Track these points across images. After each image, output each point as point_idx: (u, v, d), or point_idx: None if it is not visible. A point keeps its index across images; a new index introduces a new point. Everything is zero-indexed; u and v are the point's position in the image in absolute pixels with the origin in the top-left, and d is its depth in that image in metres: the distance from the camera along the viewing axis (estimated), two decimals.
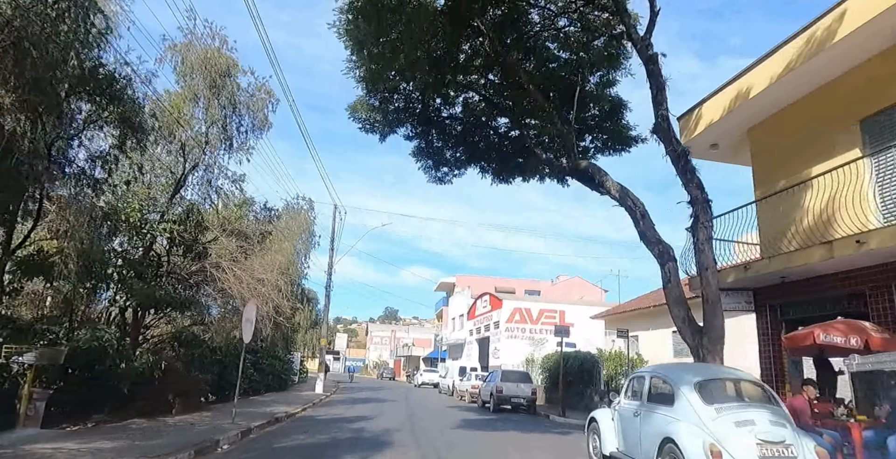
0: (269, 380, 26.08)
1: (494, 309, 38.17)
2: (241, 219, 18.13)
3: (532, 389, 19.82)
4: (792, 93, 10.30)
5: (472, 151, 16.00)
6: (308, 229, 31.88)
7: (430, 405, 23.62)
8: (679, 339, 25.57)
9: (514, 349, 35.02)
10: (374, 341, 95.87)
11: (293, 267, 28.80)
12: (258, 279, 17.24)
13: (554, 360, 22.99)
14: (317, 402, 22.02)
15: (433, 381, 42.33)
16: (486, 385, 21.78)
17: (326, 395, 26.50)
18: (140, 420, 12.26)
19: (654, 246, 9.84)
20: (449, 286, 61.58)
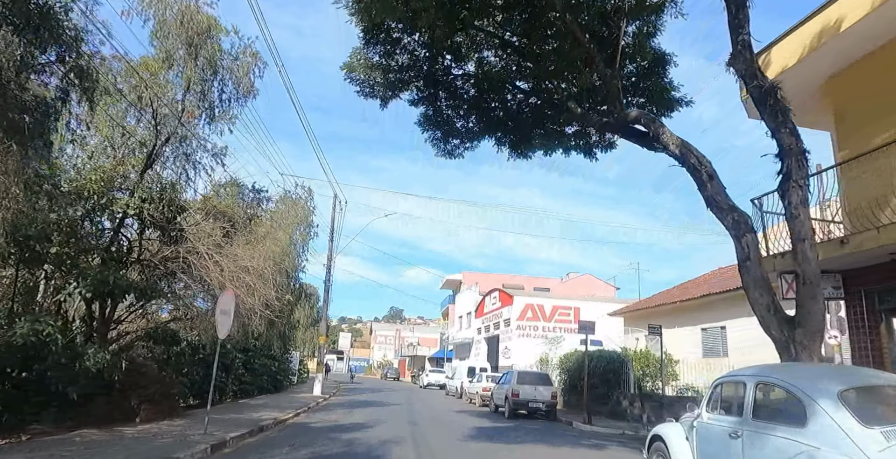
0: (262, 382, 24.05)
1: (504, 306, 36.05)
2: (226, 198, 16.08)
3: (552, 392, 17.71)
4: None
5: (487, 120, 13.86)
6: (307, 220, 29.85)
7: (436, 409, 21.54)
8: (709, 337, 23.43)
9: (525, 348, 32.89)
10: (379, 340, 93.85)
11: (289, 259, 26.76)
12: (242, 267, 15.17)
13: (574, 360, 20.87)
14: (312, 406, 19.97)
15: (439, 382, 40.24)
16: (499, 387, 19.68)
17: (325, 398, 24.44)
18: (91, 430, 10.23)
19: (727, 213, 7.70)
20: (455, 283, 59.48)
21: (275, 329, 27.10)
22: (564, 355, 21.96)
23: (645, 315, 27.34)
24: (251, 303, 15.47)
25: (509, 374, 18.85)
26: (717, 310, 22.22)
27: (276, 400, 20.93)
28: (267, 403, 19.35)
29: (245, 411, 16.12)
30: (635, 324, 27.29)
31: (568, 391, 20.84)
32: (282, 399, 21.47)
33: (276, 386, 26.38)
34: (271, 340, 26.68)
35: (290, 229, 27.44)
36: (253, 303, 15.50)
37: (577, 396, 20.04)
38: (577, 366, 20.10)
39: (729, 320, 21.75)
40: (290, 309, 29.69)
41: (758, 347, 20.67)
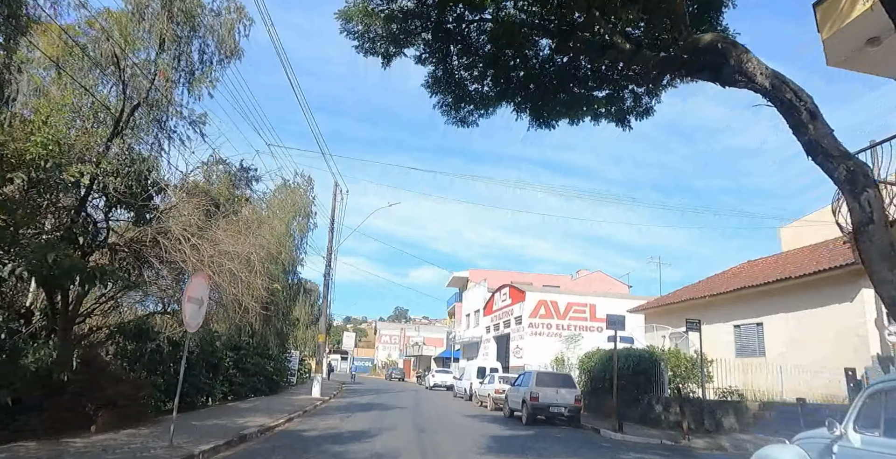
0: (255, 383, 22.23)
1: (516, 303, 34.12)
2: (209, 175, 14.25)
3: (575, 396, 15.80)
4: None
5: (505, 81, 11.87)
6: (305, 209, 28.04)
7: (445, 413, 19.65)
8: (743, 335, 21.39)
9: (538, 347, 30.97)
10: (383, 340, 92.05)
11: (286, 251, 24.94)
12: (224, 251, 13.32)
13: (596, 359, 18.94)
14: (309, 410, 18.12)
15: (446, 383, 38.35)
16: (514, 389, 17.77)
17: (323, 400, 22.59)
18: (27, 444, 8.39)
19: (839, 162, 5.77)
20: (462, 281, 57.56)
21: (271, 325, 25.30)
22: (585, 354, 20.03)
23: (669, 311, 25.36)
24: (235, 293, 13.59)
25: (527, 375, 16.94)
26: (753, 305, 20.27)
27: (270, 403, 19.09)
28: (257, 406, 17.51)
29: (230, 416, 14.28)
30: (658, 321, 25.33)
31: (589, 394, 18.91)
32: (276, 402, 19.63)
33: (273, 388, 24.57)
34: (267, 338, 24.85)
35: (288, 219, 25.62)
36: (238, 293, 13.62)
37: (600, 399, 18.12)
38: (601, 366, 18.18)
39: (767, 316, 19.80)
40: (286, 305, 27.89)
41: (802, 345, 18.76)
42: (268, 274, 22.32)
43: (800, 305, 18.24)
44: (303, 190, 28.46)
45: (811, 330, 17.70)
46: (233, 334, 21.79)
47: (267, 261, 22.34)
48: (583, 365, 19.92)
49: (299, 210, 27.25)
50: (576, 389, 15.99)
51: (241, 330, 22.85)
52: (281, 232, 24.34)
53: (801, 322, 18.24)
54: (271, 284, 23.01)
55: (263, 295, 15.70)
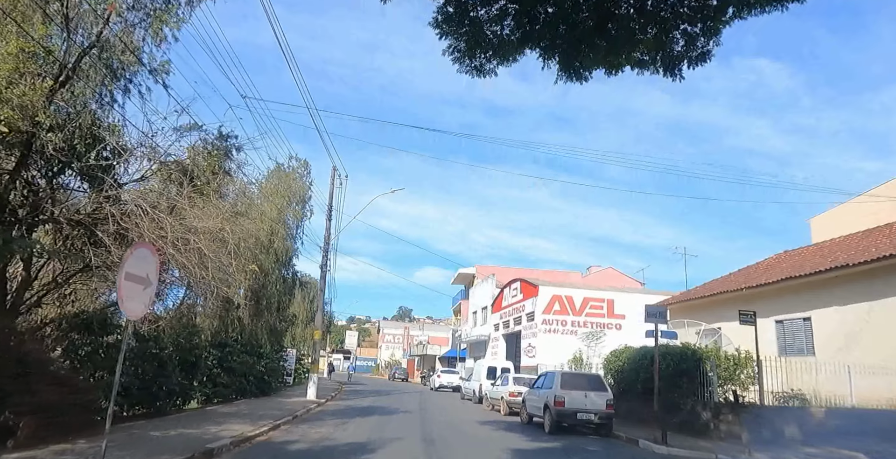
0: (243, 384, 20.09)
1: (527, 298, 31.89)
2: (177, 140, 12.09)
3: (607, 400, 13.59)
4: None
5: (530, 22, 9.67)
6: (301, 196, 25.92)
7: (454, 419, 17.47)
8: (788, 332, 19.04)
9: (553, 345, 28.75)
10: (386, 339, 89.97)
11: (279, 240, 22.82)
12: (194, 229, 11.18)
13: (626, 358, 16.73)
14: (301, 414, 15.99)
15: (452, 384, 36.19)
16: (533, 392, 15.59)
17: (319, 403, 20.46)
18: None
19: None
20: (468, 278, 55.37)
21: (262, 321, 23.24)
22: (612, 353, 17.80)
23: (698, 306, 23.11)
24: (205, 276, 11.43)
25: (550, 376, 14.73)
26: (800, 298, 18.03)
27: (257, 407, 16.96)
28: (241, 411, 15.37)
29: (204, 423, 12.13)
30: (685, 318, 23.10)
31: (616, 398, 16.64)
32: (264, 406, 17.49)
33: (264, 389, 22.44)
34: (258, 334, 22.75)
35: (281, 204, 23.51)
36: (209, 277, 11.46)
37: (630, 404, 15.91)
38: (632, 366, 15.97)
39: (816, 309, 17.55)
40: (281, 299, 25.82)
41: (859, 342, 16.51)
42: (256, 263, 20.22)
43: (856, 297, 16.03)
44: (298, 175, 26.36)
45: (871, 325, 15.50)
46: (218, 329, 19.70)
47: (256, 249, 20.24)
48: (608, 365, 17.70)
49: (294, 195, 25.15)
50: (607, 392, 13.78)
51: (227, 325, 20.75)
52: (272, 217, 22.24)
53: (858, 316, 16.03)
54: (261, 273, 20.95)
55: (244, 281, 13.45)
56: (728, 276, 24.03)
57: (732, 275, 23.72)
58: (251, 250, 20.16)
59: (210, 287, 11.62)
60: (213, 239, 11.83)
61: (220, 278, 13.01)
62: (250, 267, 11.37)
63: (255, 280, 22.04)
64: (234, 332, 21.75)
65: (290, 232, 24.69)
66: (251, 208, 20.84)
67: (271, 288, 23.60)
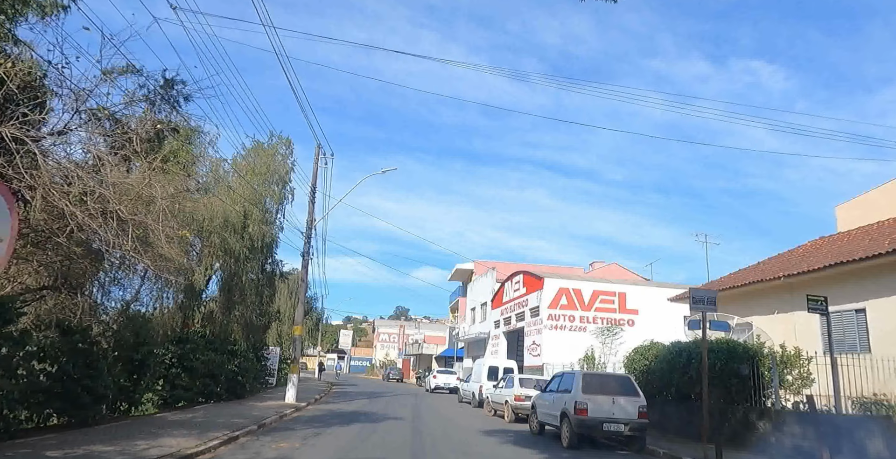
0: (209, 385, 17.49)
1: (531, 292, 29.33)
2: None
3: (639, 407, 11.02)
4: None
5: None
6: (283, 177, 23.29)
7: (452, 428, 14.91)
8: (838, 325, 16.37)
9: (559, 342, 26.24)
10: (381, 338, 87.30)
11: (254, 223, 20.20)
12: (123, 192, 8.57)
13: (654, 356, 14.18)
14: (269, 422, 13.42)
15: (449, 385, 33.63)
16: (546, 397, 13.03)
17: (297, 407, 17.89)
18: None
19: None
20: (465, 274, 52.83)
21: (234, 315, 20.62)
22: (635, 350, 15.24)
23: (725, 299, 20.48)
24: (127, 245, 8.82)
25: (567, 378, 12.13)
26: (850, 287, 15.51)
27: (219, 413, 14.39)
28: (194, 419, 12.78)
29: (134, 437, 9.54)
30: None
31: None
32: (228, 411, 14.89)
33: (237, 391, 19.85)
34: (229, 329, 20.13)
35: (258, 182, 20.91)
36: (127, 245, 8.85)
37: (661, 411, 13.38)
38: (662, 366, 13.41)
39: (873, 300, 15.05)
40: (260, 292, 23.20)
41: None
42: (222, 247, 17.70)
43: None
44: (280, 154, 23.74)
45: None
46: (175, 322, 17.11)
47: (224, 230, 17.71)
48: (631, 365, 15.14)
49: (273, 175, 22.52)
50: (639, 397, 11.20)
51: (190, 318, 18.16)
52: (247, 197, 19.64)
53: None
54: (230, 259, 18.38)
55: (208, 264, 10.91)
56: (758, 266, 21.53)
57: (763, 264, 21.22)
58: (218, 232, 17.64)
59: (134, 255, 8.96)
60: (144, 205, 9.21)
61: (161, 255, 10.40)
62: (181, 233, 8.75)
63: (224, 266, 19.49)
64: (200, 326, 19.17)
65: (268, 217, 22.07)
66: (218, 184, 18.29)
67: (245, 277, 21.02)
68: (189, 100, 11.23)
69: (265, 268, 24.08)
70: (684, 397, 12.91)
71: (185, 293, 16.64)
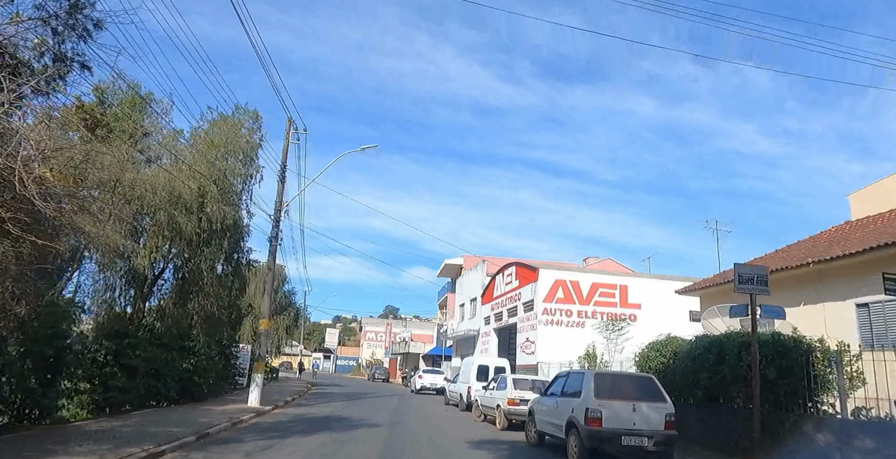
0: (156, 386, 15.14)
1: (525, 285, 27.14)
2: None
3: (666, 415, 8.82)
4: None
5: None
6: (249, 154, 20.88)
7: (436, 437, 12.68)
8: (876, 317, 13.96)
9: (556, 339, 24.12)
10: (368, 337, 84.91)
11: (213, 203, 17.80)
12: None
13: (673, 352, 12.01)
14: (213, 432, 11.13)
15: (436, 385, 31.39)
16: (546, 402, 10.82)
17: (259, 412, 15.58)
18: None
19: None
20: (454, 269, 50.56)
21: (190, 306, 18.23)
22: (650, 346, 13.06)
23: None
24: None
25: (576, 379, 9.87)
26: None
27: (158, 420, 12.07)
28: (119, 429, 10.42)
29: (15, 455, 7.21)
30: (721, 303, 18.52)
31: None
32: (169, 419, 12.54)
33: (195, 393, 17.52)
34: (182, 322, 17.72)
35: (216, 157, 18.53)
36: None
37: (685, 418, 11.17)
38: (687, 365, 11.24)
39: None
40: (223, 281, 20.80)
41: None
42: (170, 225, 15.34)
43: None
44: (247, 129, 21.32)
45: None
46: (111, 313, 14.73)
47: (171, 206, 15.35)
48: (644, 363, 12.97)
49: (237, 150, 20.09)
50: (666, 403, 9.00)
51: (137, 309, 15.78)
52: (204, 172, 17.27)
53: None
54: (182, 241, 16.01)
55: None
56: (776, 254, 19.45)
57: (783, 252, 19.16)
58: (164, 208, 15.27)
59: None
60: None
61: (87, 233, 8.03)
62: (41, 173, 6.41)
63: (178, 251, 17.12)
64: (150, 319, 16.81)
65: (231, 198, 19.65)
66: (171, 158, 15.93)
67: (205, 264, 18.63)
68: (101, 27, 8.81)
69: (232, 257, 21.68)
70: (712, 401, 10.75)
71: (125, 279, 14.27)
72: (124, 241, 14.39)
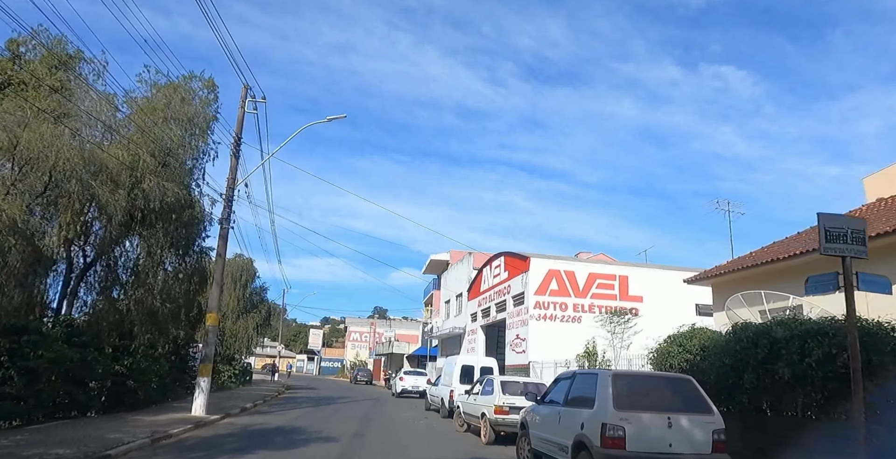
0: (70, 394, 12.47)
1: (514, 277, 24.65)
2: None
3: (714, 432, 6.33)
4: None
5: None
6: (201, 126, 18.16)
7: (403, 452, 10.13)
8: None
9: (549, 336, 21.64)
10: (353, 338, 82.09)
11: (151, 178, 15.11)
12: None
13: (700, 346, 9.52)
14: (113, 455, 8.50)
15: (419, 388, 28.80)
16: (545, 411, 8.28)
17: (198, 423, 12.92)
18: None
19: None
20: (441, 265, 47.93)
21: (126, 301, 15.55)
22: (669, 340, 10.57)
23: (761, 276, 16.11)
24: None
25: (586, 382, 7.30)
26: None
27: (50, 438, 9.44)
28: None
29: None
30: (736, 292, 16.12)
31: None
32: (71, 435, 9.90)
33: (125, 400, 14.85)
34: (111, 318, 15.01)
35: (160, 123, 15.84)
36: None
37: None
38: (728, 363, 8.74)
39: None
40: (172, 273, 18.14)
41: None
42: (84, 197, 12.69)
43: None
44: (200, 99, 18.62)
45: None
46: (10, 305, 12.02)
47: (88, 175, 12.69)
48: (663, 360, 10.50)
49: (187, 121, 17.40)
50: (712, 414, 6.49)
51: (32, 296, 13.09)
52: (136, 139, 14.59)
53: None
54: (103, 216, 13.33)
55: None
56: (799, 236, 17.06)
57: (807, 235, 16.76)
58: (79, 177, 12.59)
59: None
60: None
61: None
62: None
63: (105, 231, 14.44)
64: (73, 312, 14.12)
65: (177, 175, 16.95)
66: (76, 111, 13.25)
67: (143, 250, 15.95)
68: None
69: (184, 245, 18.98)
70: (757, 409, 8.30)
71: (26, 262, 11.58)
72: (25, 216, 11.75)
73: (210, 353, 15.90)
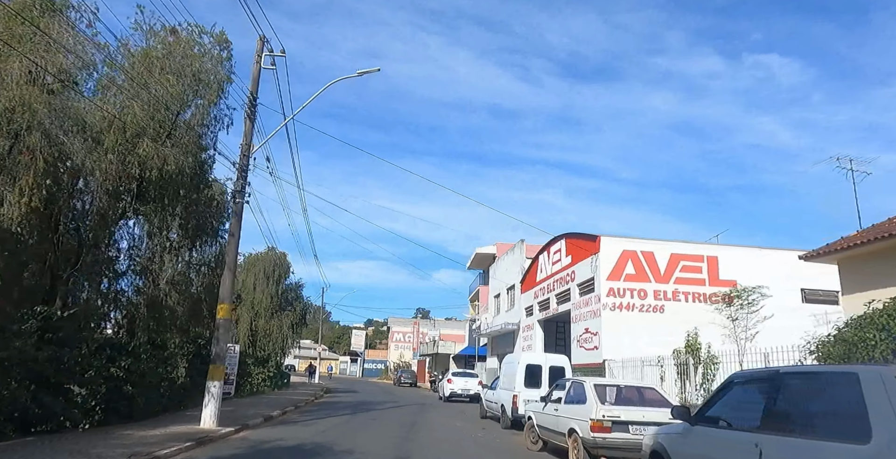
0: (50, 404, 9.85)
1: (580, 261, 21.22)
2: None
3: None
4: None
5: None
6: (212, 86, 15.49)
7: None
8: None
9: (626, 329, 18.18)
10: (396, 338, 79.58)
11: (149, 146, 12.48)
12: None
13: None
14: None
15: (469, 391, 25.72)
16: (706, 435, 4.99)
17: (203, 439, 10.10)
18: None
19: None
20: (487, 259, 44.64)
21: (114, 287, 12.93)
22: (859, 322, 7.11)
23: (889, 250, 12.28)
24: None
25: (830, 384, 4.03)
26: None
27: None
28: None
29: None
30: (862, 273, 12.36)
31: None
32: None
33: (121, 410, 12.20)
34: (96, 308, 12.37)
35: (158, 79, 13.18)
36: None
37: None
38: None
39: None
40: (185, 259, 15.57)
41: None
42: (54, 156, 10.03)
43: None
44: (212, 57, 15.95)
45: None
46: None
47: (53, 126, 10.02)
48: (849, 354, 7.06)
49: (197, 81, 14.73)
50: None
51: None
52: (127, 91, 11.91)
53: None
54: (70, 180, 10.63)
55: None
56: None
57: None
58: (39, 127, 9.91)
59: None
60: None
61: None
62: None
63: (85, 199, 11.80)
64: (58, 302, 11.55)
65: (183, 139, 14.28)
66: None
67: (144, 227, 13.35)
68: None
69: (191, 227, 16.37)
70: None
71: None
72: None
73: (221, 352, 13.08)
